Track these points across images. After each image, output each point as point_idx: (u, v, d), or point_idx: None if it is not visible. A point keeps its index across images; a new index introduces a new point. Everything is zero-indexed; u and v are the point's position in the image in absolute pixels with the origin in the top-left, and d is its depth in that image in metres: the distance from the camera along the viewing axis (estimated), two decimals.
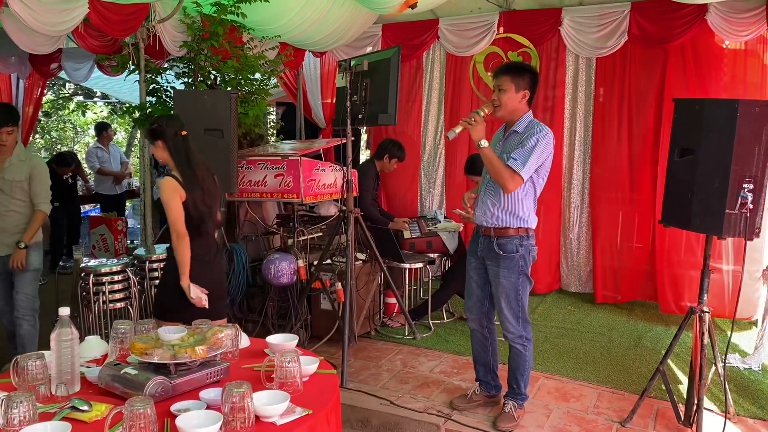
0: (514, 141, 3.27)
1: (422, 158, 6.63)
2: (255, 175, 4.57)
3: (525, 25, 5.92)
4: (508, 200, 3.28)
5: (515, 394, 3.48)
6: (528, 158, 3.17)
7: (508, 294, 3.33)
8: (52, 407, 1.92)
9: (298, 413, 1.92)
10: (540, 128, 3.24)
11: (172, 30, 4.73)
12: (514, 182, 3.19)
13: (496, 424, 3.41)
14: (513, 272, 3.30)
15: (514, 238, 3.30)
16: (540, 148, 3.19)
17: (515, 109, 3.29)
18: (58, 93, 13.17)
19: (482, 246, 3.40)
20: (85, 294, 4.13)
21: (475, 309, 3.54)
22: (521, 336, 3.39)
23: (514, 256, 3.29)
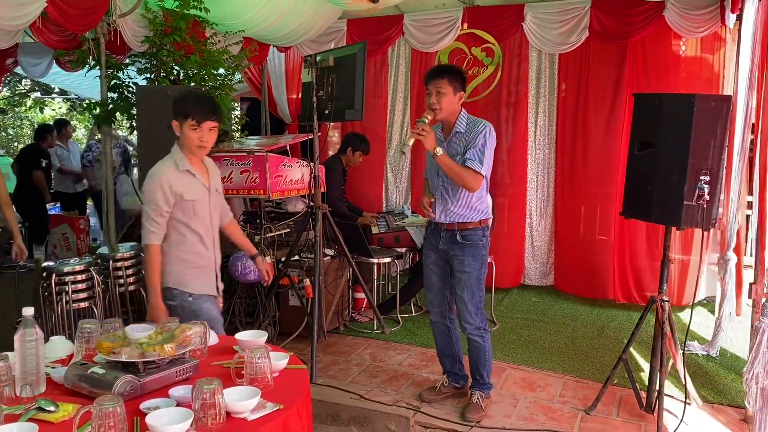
0: (461, 141, 3.34)
1: (388, 153, 6.66)
2: (220, 171, 4.51)
3: (488, 21, 5.98)
4: (465, 197, 3.37)
5: (480, 384, 3.55)
6: (483, 156, 3.27)
7: (471, 284, 3.40)
8: (17, 409, 1.89)
9: (269, 408, 1.92)
10: (483, 125, 3.34)
11: (133, 25, 4.65)
12: (477, 182, 3.30)
13: (464, 414, 3.46)
14: (477, 260, 3.39)
15: (477, 229, 3.41)
16: (489, 144, 3.31)
17: (453, 110, 3.37)
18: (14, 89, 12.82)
19: (444, 239, 3.45)
20: (47, 294, 4.04)
21: (437, 301, 3.60)
22: (479, 327, 3.45)
23: (478, 245, 3.39)
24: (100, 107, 4.59)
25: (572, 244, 5.87)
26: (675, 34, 5.28)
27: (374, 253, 5.05)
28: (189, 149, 2.89)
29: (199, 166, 2.97)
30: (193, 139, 2.84)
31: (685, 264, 5.43)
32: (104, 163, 4.77)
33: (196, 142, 2.84)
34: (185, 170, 2.91)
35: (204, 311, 2.99)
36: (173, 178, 2.86)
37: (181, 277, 2.97)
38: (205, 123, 2.82)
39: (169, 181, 2.84)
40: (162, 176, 2.85)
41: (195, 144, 2.84)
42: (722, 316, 4.33)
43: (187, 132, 2.84)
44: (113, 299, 4.31)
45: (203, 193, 2.97)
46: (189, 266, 3.00)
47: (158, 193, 2.84)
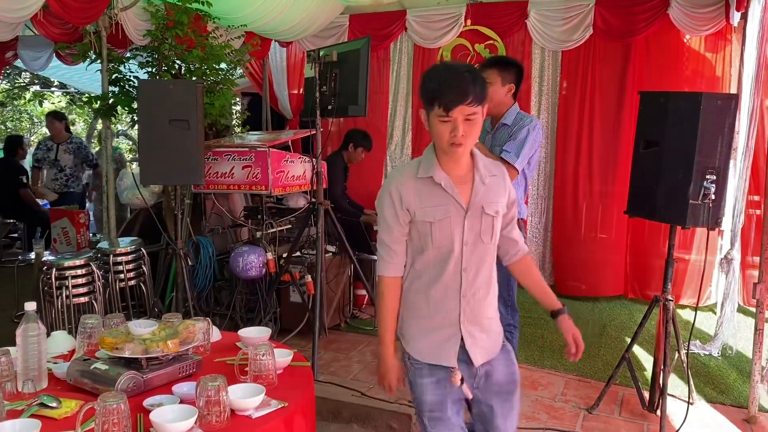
0: (505, 133, 3.31)
1: (389, 149, 6.63)
2: (222, 166, 4.50)
3: (492, 18, 5.95)
4: None
5: None
6: (521, 150, 3.21)
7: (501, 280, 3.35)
8: (20, 404, 1.87)
9: (273, 406, 1.90)
10: (530, 120, 3.29)
11: (135, 18, 4.62)
12: (510, 175, 3.21)
13: None
14: None
15: None
16: (531, 140, 3.24)
17: (501, 102, 3.32)
18: (14, 82, 12.77)
19: None
20: (47, 288, 4.02)
21: None
22: (509, 324, 3.43)
23: None
24: (101, 101, 4.56)
25: (572, 242, 5.85)
26: (679, 32, 5.26)
27: (376, 249, 5.03)
28: (441, 148, 2.01)
29: (457, 173, 2.04)
30: (442, 135, 1.95)
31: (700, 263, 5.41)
32: (104, 157, 4.74)
33: (446, 138, 1.94)
34: (427, 177, 2.02)
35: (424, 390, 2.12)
36: (406, 188, 2.03)
37: (404, 329, 2.15)
38: (456, 109, 1.89)
39: (399, 191, 2.04)
40: (392, 183, 2.06)
41: (445, 141, 1.95)
42: (724, 315, 4.32)
43: (435, 124, 1.96)
44: (113, 294, 4.29)
45: (453, 212, 2.01)
46: (418, 317, 2.11)
47: (385, 206, 2.07)
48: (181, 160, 3.80)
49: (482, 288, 2.09)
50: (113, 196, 4.63)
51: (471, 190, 2.03)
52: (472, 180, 2.04)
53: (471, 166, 2.06)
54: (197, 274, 4.58)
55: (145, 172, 3.85)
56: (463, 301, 2.06)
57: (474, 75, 1.91)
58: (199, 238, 4.67)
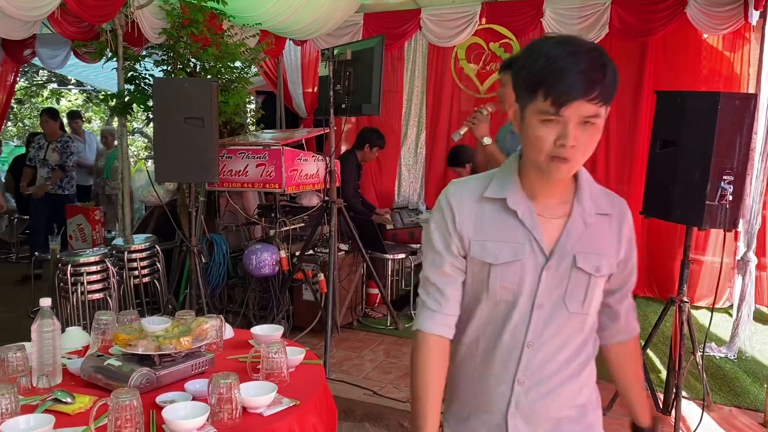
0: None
1: (402, 148, 6.62)
2: (236, 164, 4.52)
3: (507, 16, 5.93)
4: None
5: None
6: None
7: None
8: (34, 399, 1.88)
9: (285, 404, 1.90)
10: None
11: (151, 16, 4.65)
12: None
13: None
14: None
15: None
16: None
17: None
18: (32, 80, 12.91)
19: None
20: (62, 285, 4.06)
21: None
22: None
23: None
24: (116, 99, 4.59)
25: None
26: (697, 31, 5.20)
27: (388, 248, 5.03)
28: (534, 161, 1.33)
29: (546, 200, 1.40)
30: (541, 142, 1.28)
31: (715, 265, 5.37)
32: (120, 154, 4.78)
33: (547, 147, 1.28)
34: (498, 199, 1.40)
35: None
36: (465, 208, 1.41)
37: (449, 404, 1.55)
38: (572, 105, 1.23)
39: (453, 209, 1.42)
40: (446, 197, 1.45)
41: (545, 151, 1.29)
42: (741, 317, 4.27)
43: (533, 126, 1.29)
44: (128, 291, 4.32)
45: (527, 257, 1.38)
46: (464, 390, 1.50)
47: (433, 226, 1.44)
48: (195, 158, 3.82)
49: (556, 376, 1.40)
50: (128, 193, 4.66)
51: (562, 228, 1.37)
52: (567, 214, 1.38)
53: (570, 194, 1.40)
54: (211, 271, 4.60)
55: (160, 170, 3.87)
56: (517, 387, 1.40)
57: (604, 58, 1.24)
58: (213, 236, 4.69)
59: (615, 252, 1.43)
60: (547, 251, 1.37)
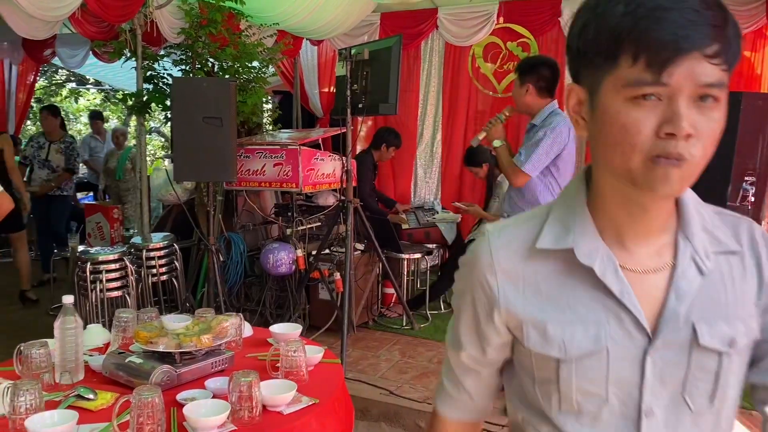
0: (531, 134, 3.30)
1: (418, 148, 6.61)
2: (253, 164, 4.54)
3: (524, 16, 5.91)
4: (530, 194, 3.31)
5: None
6: (532, 153, 3.18)
7: None
8: (57, 395, 1.90)
9: (304, 402, 1.91)
10: (552, 122, 3.22)
11: (169, 16, 4.68)
12: (516, 177, 3.24)
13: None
14: None
15: None
16: (547, 142, 3.17)
17: (525, 103, 3.31)
18: (51, 79, 13.05)
19: None
20: (81, 282, 4.10)
21: None
22: None
23: None
24: (135, 98, 4.62)
25: None
26: None
27: (404, 248, 5.03)
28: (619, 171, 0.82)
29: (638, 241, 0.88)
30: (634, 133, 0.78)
31: None
32: (139, 153, 4.82)
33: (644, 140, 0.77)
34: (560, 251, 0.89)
35: None
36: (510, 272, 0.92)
37: None
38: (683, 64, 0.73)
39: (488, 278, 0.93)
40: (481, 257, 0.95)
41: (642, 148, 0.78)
42: None
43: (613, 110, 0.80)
44: (146, 289, 4.36)
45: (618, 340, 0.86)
46: None
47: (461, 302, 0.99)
48: (213, 158, 3.84)
49: None
50: (147, 192, 4.70)
51: (668, 285, 0.88)
52: (672, 263, 0.89)
53: (672, 229, 0.90)
54: (228, 270, 4.63)
55: (179, 169, 3.90)
56: None
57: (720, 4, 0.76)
58: (231, 235, 4.72)
59: (754, 305, 0.90)
60: (648, 327, 0.86)
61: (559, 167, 3.28)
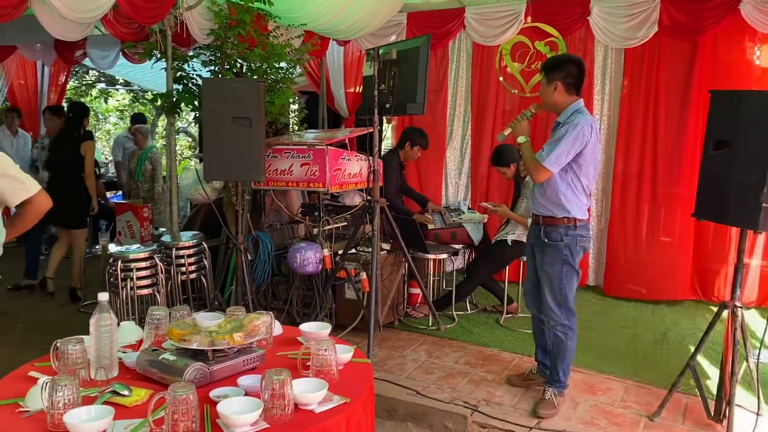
0: (558, 131, 3.31)
1: (448, 148, 6.59)
2: (281, 163, 4.57)
3: (553, 15, 5.85)
4: (551, 191, 3.35)
5: (554, 381, 3.53)
6: (553, 149, 3.21)
7: (551, 282, 3.40)
8: (93, 391, 1.94)
9: (335, 401, 1.92)
10: (574, 118, 3.26)
11: (199, 17, 4.73)
12: (538, 173, 3.27)
13: (536, 410, 3.46)
14: (557, 261, 3.36)
15: (560, 227, 3.36)
16: (568, 139, 3.19)
17: (553, 102, 3.36)
18: (81, 80, 13.27)
19: (533, 234, 3.53)
20: (113, 280, 4.16)
21: (531, 293, 3.63)
22: (563, 324, 3.44)
23: (558, 245, 3.35)
24: (165, 98, 4.68)
25: (631, 244, 5.69)
26: (751, 29, 5.05)
27: (430, 248, 5.02)
28: None
29: None
30: None
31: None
32: (168, 153, 4.87)
33: None
34: None
35: None
36: None
37: None
38: None
39: None
40: None
41: None
42: None
43: None
44: (175, 286, 4.41)
45: None
46: None
47: None
48: (242, 157, 3.87)
49: None
50: (176, 191, 4.75)
51: None
52: None
53: None
54: (256, 268, 4.66)
55: (208, 169, 3.93)
56: None
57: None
58: (259, 234, 4.75)
59: None
60: None
61: (581, 165, 3.29)
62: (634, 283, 5.68)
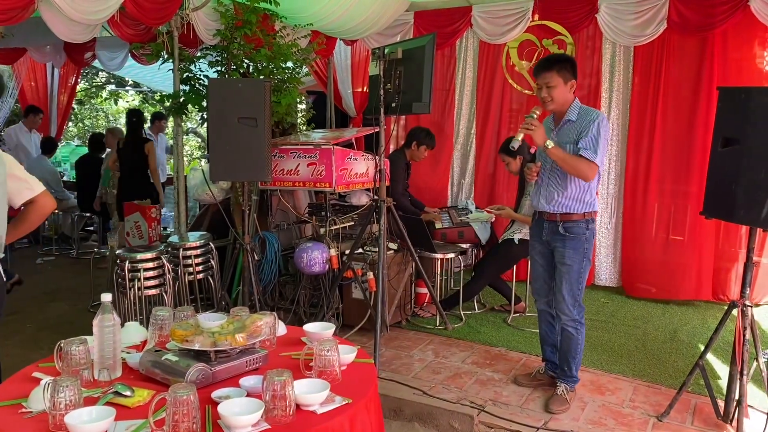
0: (572, 130, 3.31)
1: (455, 148, 6.57)
2: (288, 163, 4.57)
3: (560, 12, 5.82)
4: (575, 188, 3.34)
5: (566, 376, 3.54)
6: (597, 145, 3.22)
7: (570, 275, 3.39)
8: (95, 392, 1.94)
9: (337, 402, 1.91)
10: (596, 114, 3.29)
11: (205, 18, 4.74)
12: (592, 171, 3.25)
13: (548, 406, 3.47)
14: (578, 254, 3.37)
15: (581, 222, 3.37)
16: (603, 133, 3.26)
17: (566, 100, 3.36)
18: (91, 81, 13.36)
19: (547, 230, 3.46)
20: (120, 281, 4.18)
21: (543, 291, 3.62)
22: (574, 320, 3.44)
23: (580, 239, 3.36)
24: (172, 99, 4.69)
25: (642, 242, 5.65)
26: (761, 26, 4.99)
27: (437, 248, 5.00)
28: None
29: None
30: None
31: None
32: (176, 153, 4.89)
33: None
34: None
35: None
36: None
37: None
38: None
39: None
40: None
41: None
42: None
43: None
44: (182, 287, 4.42)
45: None
46: None
47: None
48: (249, 158, 3.88)
49: None
50: (184, 191, 4.76)
51: None
52: None
53: None
54: (263, 268, 4.66)
55: (215, 169, 3.94)
56: None
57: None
58: (266, 234, 4.75)
59: None
60: None
61: (604, 156, 3.33)
62: (645, 282, 5.64)
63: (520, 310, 5.08)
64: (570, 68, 3.34)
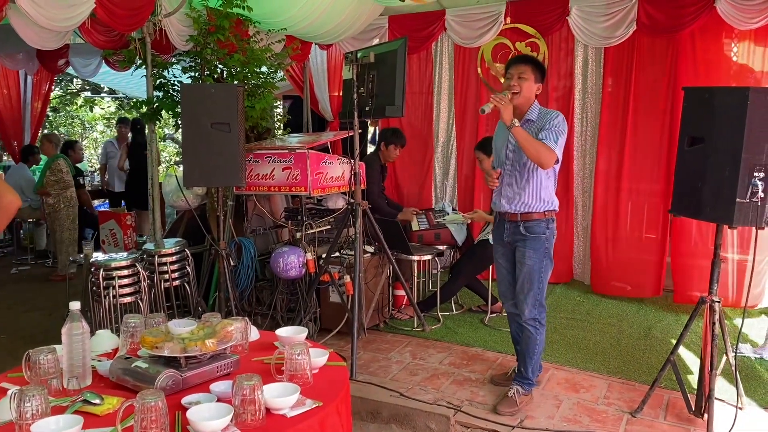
0: (531, 130, 3.31)
1: (435, 150, 6.61)
2: (262, 168, 4.56)
3: (532, 15, 5.88)
4: (532, 187, 3.36)
5: (522, 377, 3.54)
6: (557, 136, 3.24)
7: (531, 275, 3.40)
8: (64, 401, 1.93)
9: (308, 405, 1.92)
10: (556, 113, 3.34)
11: (178, 24, 4.73)
12: (551, 157, 3.22)
13: (496, 407, 3.46)
14: (539, 253, 3.38)
15: (541, 221, 3.39)
16: (563, 127, 3.28)
17: (530, 98, 3.37)
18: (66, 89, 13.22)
19: (509, 231, 3.47)
20: (95, 288, 4.15)
21: (509, 294, 3.62)
22: (534, 319, 3.46)
23: (540, 238, 3.38)
24: (146, 105, 4.67)
25: (615, 241, 5.72)
26: (727, 26, 5.08)
27: (414, 250, 5.02)
28: None
29: None
30: None
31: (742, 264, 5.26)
32: (150, 160, 4.86)
33: None
34: None
35: None
36: None
37: None
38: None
39: None
40: None
41: None
42: None
43: None
44: (158, 294, 4.40)
45: None
46: None
47: None
48: (223, 163, 3.88)
49: None
50: (158, 198, 4.74)
51: None
52: None
53: None
54: (239, 274, 4.65)
55: (189, 175, 3.93)
56: None
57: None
58: (241, 239, 4.74)
59: None
60: None
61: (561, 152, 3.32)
62: (619, 280, 5.71)
63: (497, 310, 5.12)
64: (541, 72, 3.39)
